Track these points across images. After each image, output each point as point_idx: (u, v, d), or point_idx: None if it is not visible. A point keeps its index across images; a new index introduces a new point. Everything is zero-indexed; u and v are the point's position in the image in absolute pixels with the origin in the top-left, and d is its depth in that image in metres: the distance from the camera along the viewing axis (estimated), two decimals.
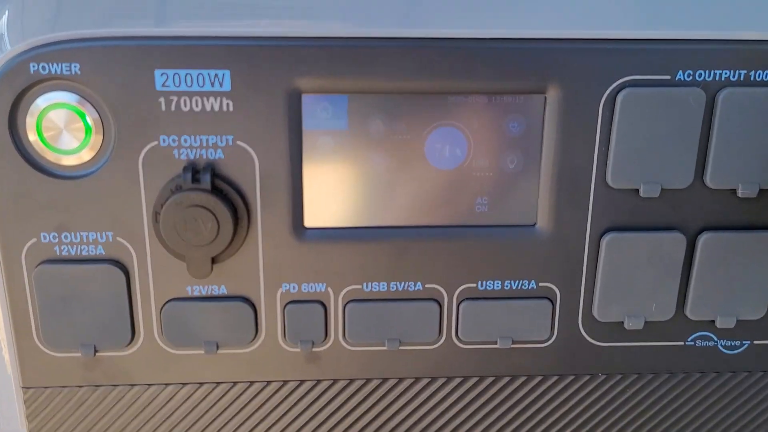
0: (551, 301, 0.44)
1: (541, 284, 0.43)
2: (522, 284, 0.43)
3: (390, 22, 0.39)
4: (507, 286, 0.43)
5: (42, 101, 0.39)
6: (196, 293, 0.42)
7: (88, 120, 0.39)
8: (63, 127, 0.39)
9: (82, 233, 0.41)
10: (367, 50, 0.39)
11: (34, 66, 0.38)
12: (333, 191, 0.41)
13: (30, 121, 0.39)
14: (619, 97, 0.40)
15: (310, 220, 0.42)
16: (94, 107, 0.39)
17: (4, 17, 0.39)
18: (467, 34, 0.39)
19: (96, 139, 0.40)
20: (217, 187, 0.40)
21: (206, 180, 0.39)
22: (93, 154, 0.40)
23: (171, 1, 0.39)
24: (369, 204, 0.42)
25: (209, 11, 0.39)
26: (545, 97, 0.40)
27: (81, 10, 0.38)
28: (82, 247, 0.41)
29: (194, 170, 0.39)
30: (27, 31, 0.39)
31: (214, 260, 0.41)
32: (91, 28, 0.38)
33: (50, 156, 0.40)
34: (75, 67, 0.38)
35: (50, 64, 0.38)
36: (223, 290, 0.42)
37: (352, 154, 0.41)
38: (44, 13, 0.39)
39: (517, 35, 0.39)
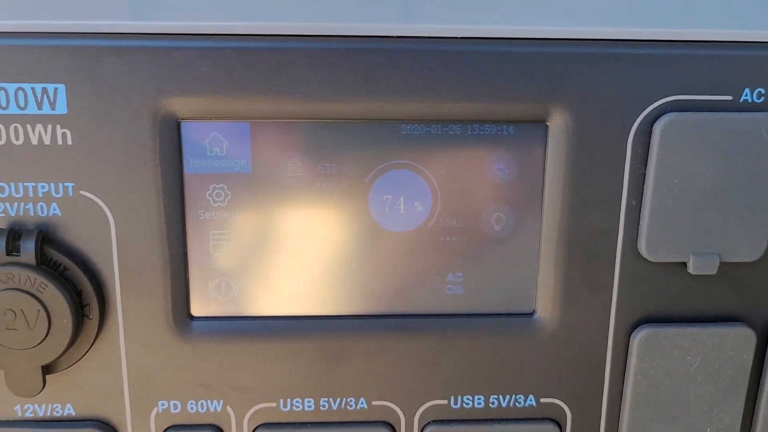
0: (558, 425, 0.31)
1: (543, 400, 0.31)
2: (515, 400, 0.30)
3: (314, 13, 0.26)
4: (493, 403, 0.30)
5: None
6: (30, 415, 0.29)
7: None
8: None
9: None
10: (280, 54, 0.26)
11: None
12: (232, 265, 0.29)
13: None
14: (658, 127, 0.27)
15: (199, 306, 0.29)
16: None
17: None
18: (429, 32, 0.26)
19: None
20: (50, 261, 0.27)
21: (29, 249, 0.26)
22: None
23: None
24: (285, 284, 0.29)
25: None
26: (547, 126, 0.28)
27: None
28: None
29: (12, 235, 0.26)
30: None
31: (49, 369, 0.28)
32: None
33: None
34: None
35: None
36: (69, 411, 0.29)
37: (258, 209, 0.28)
38: None
39: (503, 34, 0.27)
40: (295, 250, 0.29)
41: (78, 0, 0.26)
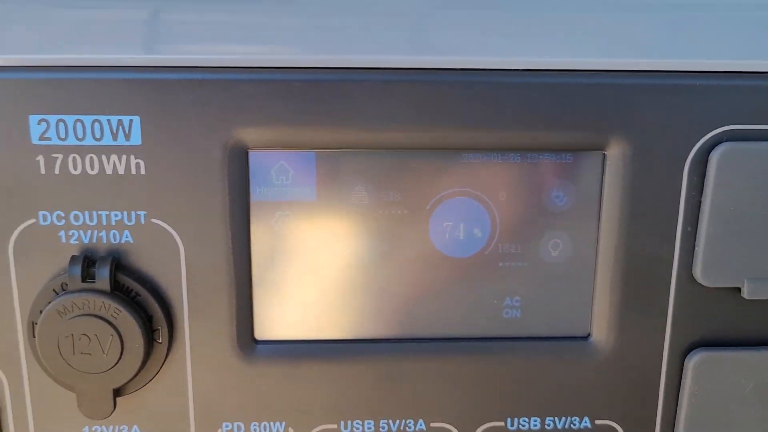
0: None
1: (598, 422, 0.31)
2: (571, 422, 0.30)
3: (378, 46, 0.27)
4: (549, 425, 0.31)
5: None
6: None
7: None
8: None
9: None
10: (346, 86, 0.27)
11: None
12: (295, 289, 0.29)
13: None
14: (714, 156, 0.28)
15: (263, 330, 0.30)
16: None
17: None
18: (491, 64, 0.27)
19: None
20: (123, 287, 0.28)
21: (104, 276, 0.27)
22: None
23: (45, 16, 0.27)
24: (348, 308, 0.29)
25: (111, 31, 0.27)
26: (604, 155, 0.28)
27: None
28: None
29: (88, 261, 0.27)
30: None
31: (119, 392, 0.28)
32: None
33: None
34: None
35: None
36: None
37: (322, 235, 0.28)
38: None
39: (564, 65, 0.27)
40: (357, 276, 0.29)
41: (150, 34, 0.27)
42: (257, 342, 0.29)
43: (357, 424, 0.30)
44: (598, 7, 0.29)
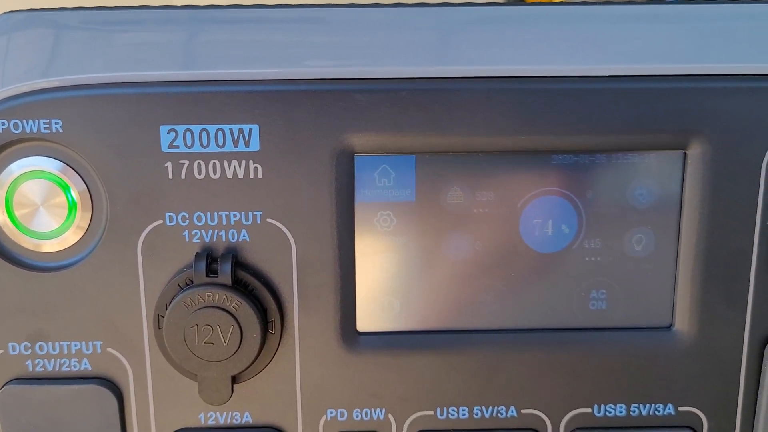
0: None
1: (681, 409, 0.32)
2: (655, 409, 0.32)
3: (474, 57, 0.29)
4: (634, 411, 0.32)
5: (13, 169, 0.30)
6: (212, 422, 0.32)
7: (73, 193, 0.30)
8: (40, 203, 0.30)
9: (62, 343, 0.31)
10: (442, 95, 0.29)
11: (3, 123, 0.29)
12: (396, 284, 0.31)
13: None
14: None
15: (365, 322, 0.32)
16: (80, 176, 0.30)
17: None
18: (578, 72, 0.29)
19: (82, 218, 0.30)
20: (241, 281, 0.30)
21: (226, 271, 0.29)
22: (78, 237, 0.31)
23: (178, 36, 0.29)
24: (444, 301, 0.31)
25: (231, 49, 0.29)
26: (685, 154, 0.30)
27: (66, 53, 0.29)
28: (63, 361, 0.31)
29: (210, 258, 0.30)
30: (2, 79, 0.30)
31: (235, 379, 0.30)
32: (76, 72, 0.29)
33: (23, 241, 0.31)
34: (56, 124, 0.29)
35: (24, 121, 0.29)
36: (247, 418, 0.32)
37: (421, 233, 0.31)
38: (24, 57, 0.30)
39: (647, 71, 0.29)
40: (453, 270, 0.31)
41: (266, 51, 0.30)
42: (360, 333, 0.32)
43: (452, 410, 0.32)
44: (669, 18, 0.31)
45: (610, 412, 0.32)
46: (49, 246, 0.30)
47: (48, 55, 0.30)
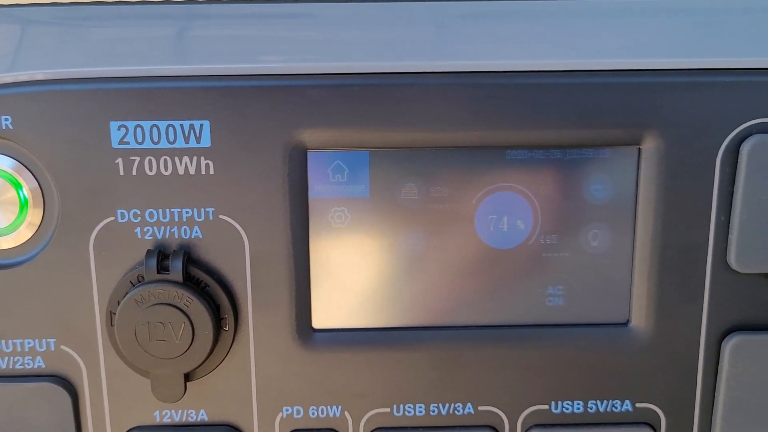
0: (654, 429, 0.32)
1: (638, 405, 0.32)
2: (612, 405, 0.32)
3: (426, 52, 0.29)
4: (591, 408, 0.32)
5: None
6: (167, 420, 0.32)
7: (24, 190, 0.30)
8: None
9: (15, 341, 0.31)
10: (396, 90, 0.29)
11: None
12: (351, 280, 0.31)
13: None
14: (745, 148, 0.29)
15: (320, 319, 0.31)
16: (31, 173, 0.30)
17: None
18: (532, 66, 0.29)
19: (34, 215, 0.30)
20: (194, 278, 0.30)
21: (177, 268, 0.29)
22: (30, 234, 0.30)
23: (128, 32, 0.29)
24: (400, 297, 0.31)
25: (181, 44, 0.29)
26: (639, 150, 0.30)
27: (15, 49, 0.29)
28: (16, 359, 0.31)
29: (162, 255, 0.29)
30: None
31: (189, 377, 0.30)
32: (25, 69, 0.29)
33: None
34: (6, 120, 0.29)
35: None
36: (203, 416, 0.32)
37: (375, 229, 0.31)
38: None
39: (601, 66, 0.29)
40: (408, 267, 0.31)
41: (216, 47, 0.30)
42: (315, 330, 0.32)
43: (409, 407, 0.32)
44: (625, 13, 0.31)
45: (567, 409, 0.32)
46: (1, 243, 0.30)
47: None
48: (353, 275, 0.31)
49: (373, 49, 0.30)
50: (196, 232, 0.30)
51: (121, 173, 0.29)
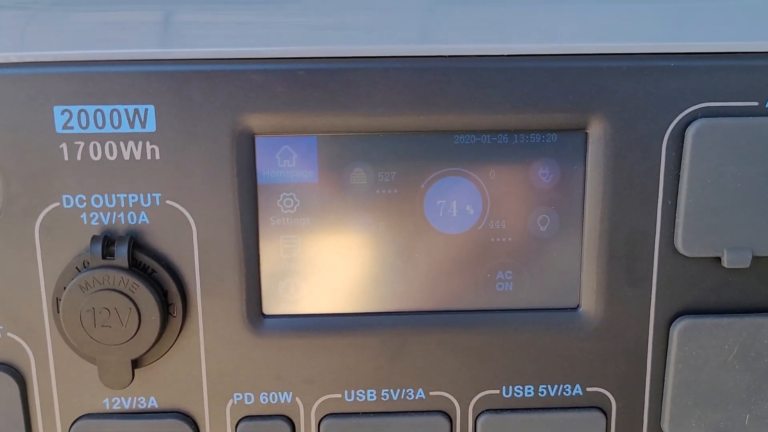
0: (604, 413, 0.32)
1: (589, 389, 0.32)
2: (563, 389, 0.32)
3: (372, 37, 0.29)
4: (542, 393, 0.32)
5: None
6: (117, 407, 0.32)
7: None
8: None
9: None
10: (342, 74, 0.29)
11: None
12: (300, 266, 0.31)
13: None
14: (690, 132, 0.29)
15: (271, 305, 0.31)
16: None
17: None
18: (479, 51, 0.29)
19: None
20: (140, 264, 0.30)
21: (123, 253, 0.29)
22: None
23: (71, 16, 0.29)
24: (350, 283, 0.31)
25: (125, 28, 0.29)
26: (586, 134, 0.30)
27: None
28: None
29: (108, 241, 0.29)
30: None
31: (137, 363, 0.30)
32: None
33: None
34: None
35: None
36: (153, 403, 0.32)
37: (324, 215, 0.30)
38: None
39: (546, 51, 0.29)
40: (358, 252, 0.31)
41: (162, 32, 0.29)
42: (265, 316, 0.31)
43: (360, 393, 0.32)
44: None
45: (518, 393, 0.32)
46: None
47: None
48: (302, 261, 0.31)
49: (318, 33, 0.30)
50: (143, 218, 0.30)
51: (66, 158, 0.29)
